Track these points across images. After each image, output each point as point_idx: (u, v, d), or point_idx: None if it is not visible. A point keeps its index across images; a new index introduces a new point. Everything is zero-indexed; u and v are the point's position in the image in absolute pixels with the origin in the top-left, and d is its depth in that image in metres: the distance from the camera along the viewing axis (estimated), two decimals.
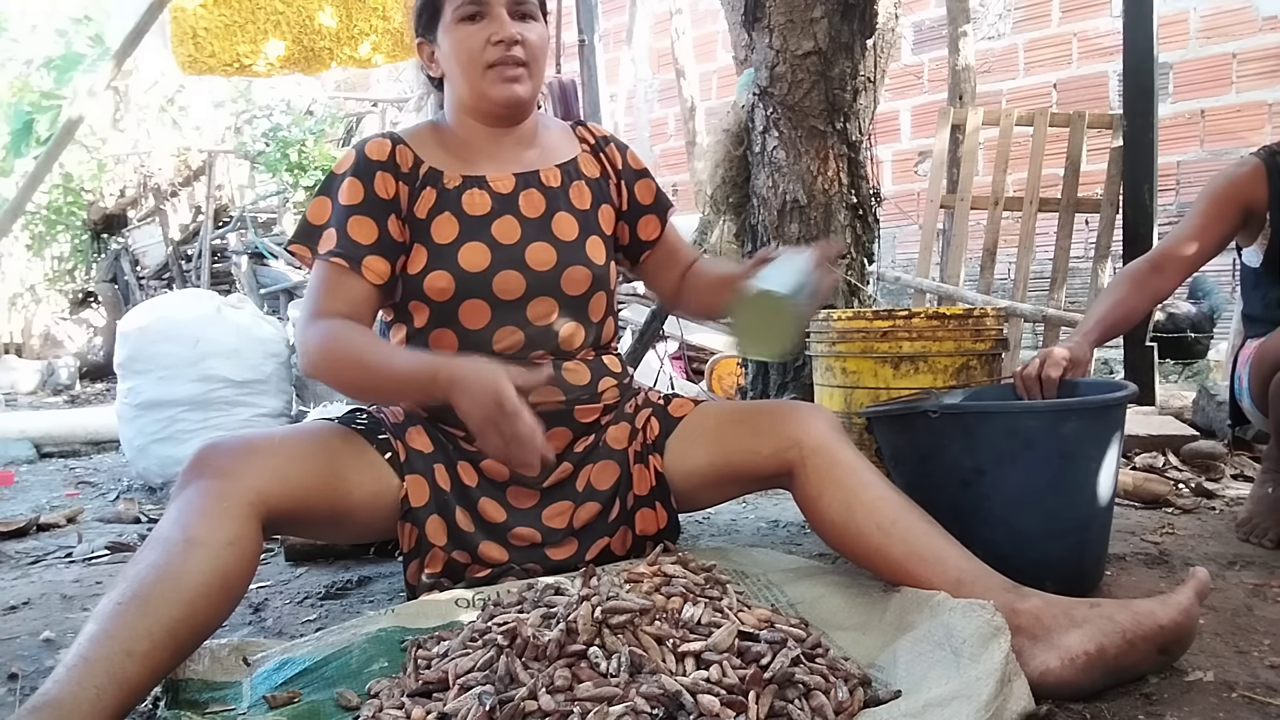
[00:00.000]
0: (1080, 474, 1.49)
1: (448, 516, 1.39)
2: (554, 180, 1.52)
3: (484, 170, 1.49)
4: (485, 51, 1.42)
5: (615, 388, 1.52)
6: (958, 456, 1.50)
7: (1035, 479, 1.47)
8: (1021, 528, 1.47)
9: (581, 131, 1.64)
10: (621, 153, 1.64)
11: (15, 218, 4.34)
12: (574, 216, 1.51)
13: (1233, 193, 1.95)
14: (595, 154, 1.61)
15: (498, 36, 1.41)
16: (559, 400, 1.45)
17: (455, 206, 1.46)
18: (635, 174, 1.64)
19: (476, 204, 1.46)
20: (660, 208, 1.66)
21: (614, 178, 1.61)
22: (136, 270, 8.02)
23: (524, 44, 1.43)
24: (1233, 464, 2.47)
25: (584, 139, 1.62)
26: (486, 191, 1.48)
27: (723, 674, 0.98)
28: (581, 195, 1.54)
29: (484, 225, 1.46)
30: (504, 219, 1.46)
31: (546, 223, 1.49)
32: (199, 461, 1.21)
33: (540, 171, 1.52)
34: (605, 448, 1.49)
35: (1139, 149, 3.00)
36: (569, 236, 1.49)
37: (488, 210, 1.46)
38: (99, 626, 1.01)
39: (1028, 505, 1.48)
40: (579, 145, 1.61)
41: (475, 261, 1.43)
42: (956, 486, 1.49)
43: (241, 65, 4.26)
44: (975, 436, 1.49)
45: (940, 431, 1.50)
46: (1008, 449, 1.46)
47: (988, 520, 1.47)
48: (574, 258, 1.48)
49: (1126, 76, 3.08)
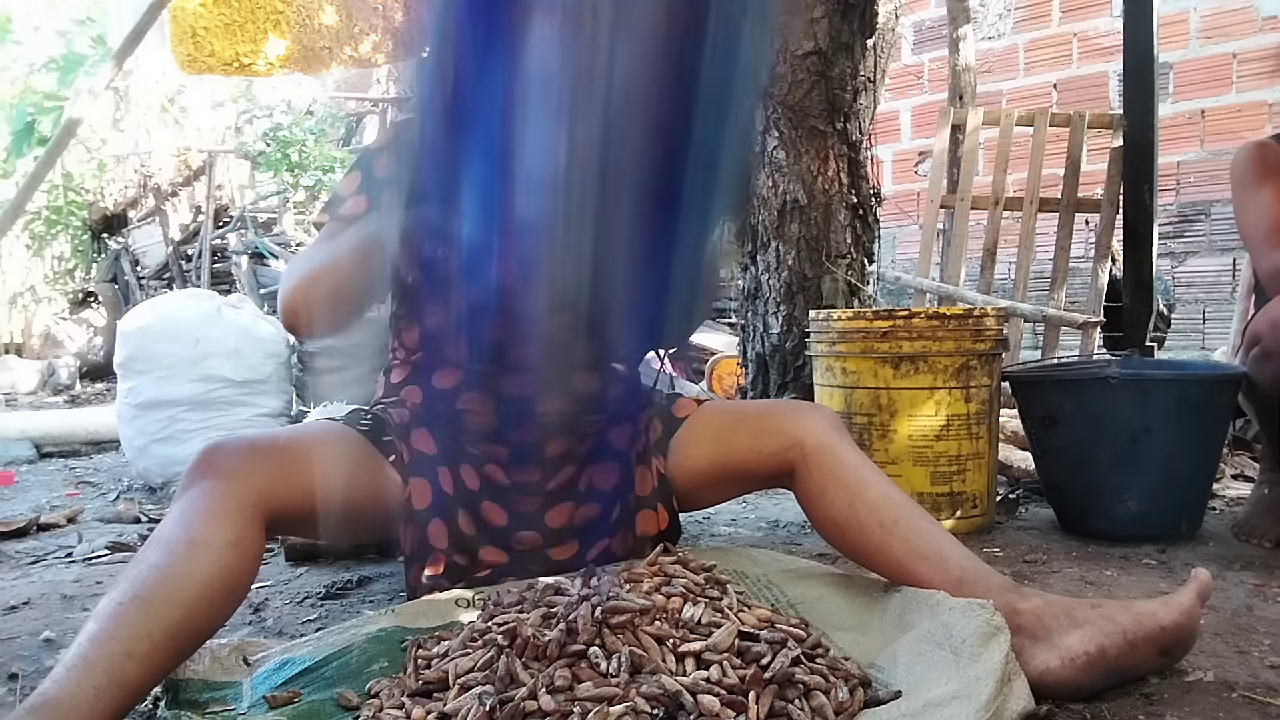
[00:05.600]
0: (1222, 432, 1.96)
1: (449, 520, 1.39)
2: None
3: None
4: None
5: (623, 395, 1.52)
6: (1129, 416, 1.82)
7: (1194, 435, 1.84)
8: (1176, 476, 1.85)
9: None
10: None
11: (15, 218, 4.34)
12: None
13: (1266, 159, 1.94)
14: None
15: None
16: (567, 411, 1.45)
17: None
18: None
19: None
20: None
21: None
22: (136, 270, 8.01)
23: None
24: (1232, 464, 2.47)
25: None
26: None
27: (723, 674, 0.98)
28: None
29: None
30: None
31: None
32: (202, 462, 1.20)
33: None
34: (607, 449, 1.49)
35: (1139, 149, 3.00)
36: None
37: None
38: (99, 626, 1.00)
39: (1184, 457, 1.84)
40: None
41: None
42: (1123, 442, 1.82)
43: (241, 64, 4.26)
44: (1150, 399, 1.83)
45: (1114, 395, 1.83)
46: (1176, 411, 1.82)
47: (1148, 470, 1.82)
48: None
49: (1126, 76, 3.08)
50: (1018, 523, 2.07)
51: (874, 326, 1.93)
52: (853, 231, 2.79)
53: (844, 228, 2.76)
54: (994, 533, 1.97)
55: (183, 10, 4.08)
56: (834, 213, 2.74)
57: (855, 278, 2.78)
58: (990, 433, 1.97)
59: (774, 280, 2.79)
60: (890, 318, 1.93)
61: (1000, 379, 2.02)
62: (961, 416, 1.91)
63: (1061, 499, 2.00)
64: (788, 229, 2.75)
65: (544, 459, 1.46)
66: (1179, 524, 1.87)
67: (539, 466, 1.45)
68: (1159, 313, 4.84)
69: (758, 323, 2.87)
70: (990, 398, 1.96)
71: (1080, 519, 1.93)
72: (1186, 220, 5.12)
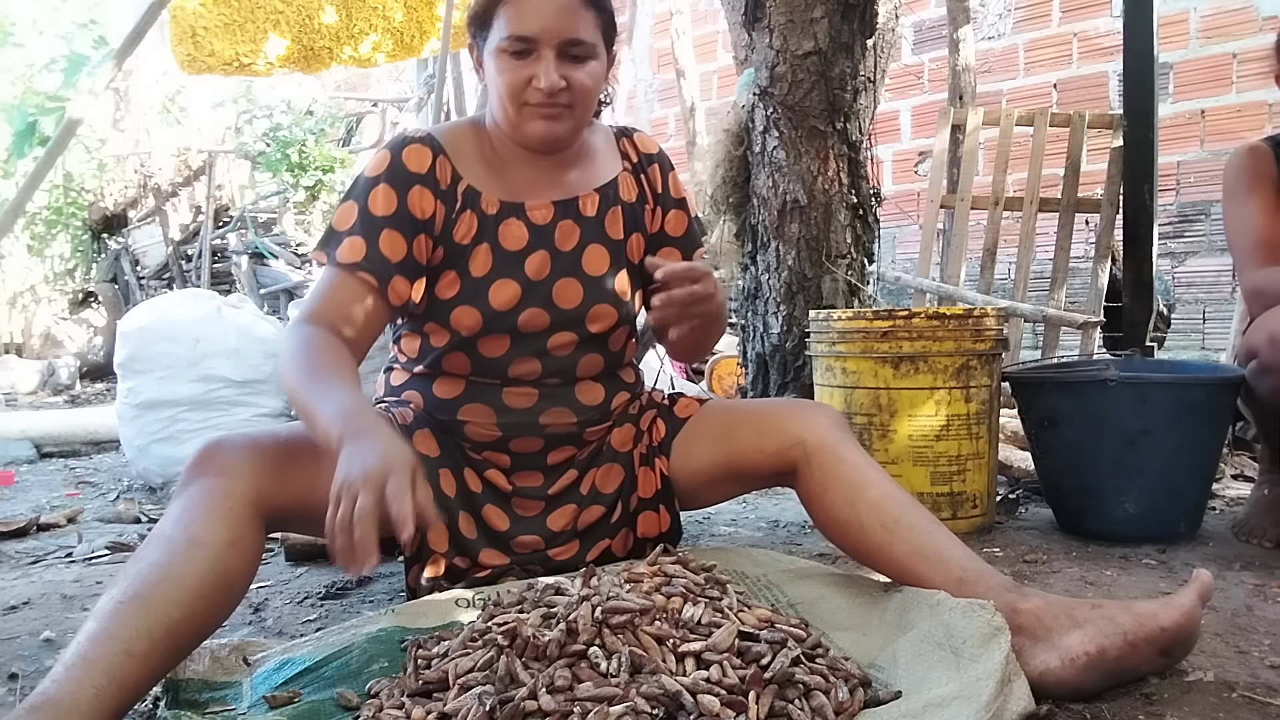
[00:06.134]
0: (1221, 434, 1.94)
1: (450, 522, 1.38)
2: (591, 209, 1.46)
3: (523, 195, 1.43)
4: (526, 90, 1.34)
5: (627, 400, 1.52)
6: (1127, 419, 1.81)
7: (1193, 438, 1.83)
8: (1174, 479, 1.84)
9: (625, 145, 1.54)
10: (664, 175, 1.55)
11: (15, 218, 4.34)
12: (606, 248, 1.46)
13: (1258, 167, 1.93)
14: (636, 174, 1.53)
15: (540, 84, 1.32)
16: (570, 422, 1.45)
17: (492, 237, 1.40)
18: (673, 202, 1.55)
19: (513, 237, 1.41)
20: (687, 244, 1.57)
21: (650, 201, 1.53)
22: (136, 270, 8.01)
23: (570, 86, 1.34)
24: (1232, 464, 2.47)
25: (627, 154, 1.53)
26: (524, 223, 1.42)
27: (723, 674, 0.98)
28: (616, 223, 1.48)
29: (518, 261, 1.41)
30: (537, 254, 1.42)
31: (577, 256, 1.44)
32: (202, 460, 1.19)
33: (580, 199, 1.46)
34: (609, 450, 1.49)
35: (1139, 149, 2.99)
36: (598, 271, 1.45)
37: (523, 245, 1.41)
38: (99, 626, 1.00)
39: (1182, 460, 1.83)
40: (620, 161, 1.52)
41: (505, 299, 1.39)
42: (1121, 444, 1.82)
43: (241, 64, 4.25)
44: (1149, 402, 1.82)
45: (1113, 397, 1.82)
46: (1175, 413, 1.81)
47: (1146, 472, 1.81)
48: (600, 295, 1.44)
49: (1126, 76, 3.07)
50: (1018, 523, 2.07)
51: (874, 326, 1.93)
52: (853, 231, 2.79)
53: (844, 228, 2.76)
54: (994, 533, 1.97)
55: (182, 10, 4.07)
56: (834, 213, 2.74)
57: (855, 278, 2.78)
58: (990, 433, 1.97)
59: (774, 280, 2.79)
60: (890, 318, 1.93)
61: (1000, 379, 2.02)
62: (961, 416, 1.91)
63: (1060, 500, 2.00)
64: (788, 229, 2.75)
65: (546, 465, 1.46)
66: (1177, 526, 1.86)
67: (541, 471, 1.45)
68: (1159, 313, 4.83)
69: (758, 323, 2.87)
70: (990, 398, 1.96)
71: (1079, 520, 1.93)
72: (1186, 220, 5.11)
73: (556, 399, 1.44)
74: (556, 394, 1.44)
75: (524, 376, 1.43)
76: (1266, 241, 1.87)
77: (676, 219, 1.55)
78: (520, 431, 1.43)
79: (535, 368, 1.43)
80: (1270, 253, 1.86)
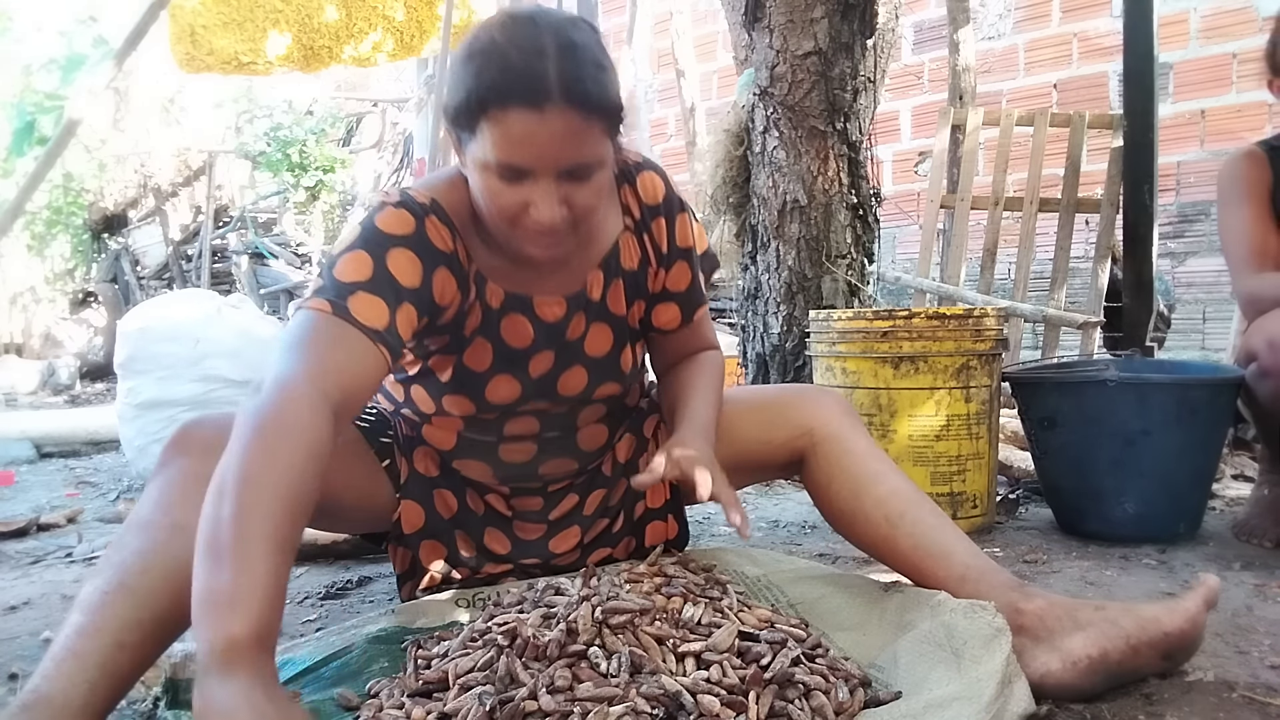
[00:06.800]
0: (1221, 434, 1.94)
1: (447, 542, 1.35)
2: (596, 291, 1.32)
3: (530, 287, 1.28)
4: (521, 216, 1.13)
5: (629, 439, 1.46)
6: (1127, 419, 1.82)
7: (1193, 438, 1.83)
8: (1174, 479, 1.84)
9: (627, 195, 1.34)
10: (670, 226, 1.36)
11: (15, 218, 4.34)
12: (609, 326, 1.34)
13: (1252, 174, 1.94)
14: (639, 233, 1.35)
15: (539, 216, 1.12)
16: (572, 469, 1.41)
17: (494, 333, 1.27)
18: (678, 253, 1.38)
19: (517, 334, 1.28)
20: (690, 301, 1.41)
21: (654, 264, 1.37)
22: (136, 270, 8.02)
23: (573, 209, 1.13)
24: (1232, 464, 2.47)
25: (629, 207, 1.34)
26: (529, 320, 1.28)
27: (723, 674, 0.98)
28: (618, 298, 1.34)
29: (521, 361, 1.29)
30: (544, 353, 1.30)
31: (581, 342, 1.33)
32: (180, 440, 1.14)
33: (588, 286, 1.31)
34: (615, 466, 1.45)
35: (1139, 149, 2.99)
36: (602, 351, 1.34)
37: (528, 343, 1.29)
38: (87, 618, 0.98)
39: (1183, 460, 1.84)
40: (621, 218, 1.34)
41: (504, 395, 1.29)
42: (1121, 444, 1.82)
43: (240, 63, 4.25)
44: (1149, 403, 1.82)
45: (1113, 398, 1.82)
46: (1175, 414, 1.81)
47: (1146, 473, 1.82)
48: (605, 375, 1.35)
49: (1126, 76, 3.08)
50: (1018, 523, 2.07)
51: (874, 326, 1.93)
52: (853, 231, 2.79)
53: (844, 228, 2.76)
54: (994, 533, 1.97)
55: (181, 9, 4.06)
56: (834, 213, 2.74)
57: (855, 278, 2.78)
58: (990, 433, 1.98)
59: (774, 280, 2.79)
60: (890, 318, 1.93)
61: (1000, 379, 2.02)
62: (961, 416, 1.91)
63: (1060, 500, 2.00)
64: (788, 229, 2.75)
65: (546, 492, 1.42)
66: (1177, 526, 1.87)
67: (541, 496, 1.41)
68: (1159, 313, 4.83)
69: (758, 323, 2.87)
70: (990, 398, 1.96)
71: (1079, 520, 1.93)
72: (1186, 220, 5.11)
73: (557, 450, 1.39)
74: (556, 444, 1.39)
75: (521, 434, 1.36)
76: (1260, 249, 1.89)
77: (679, 272, 1.39)
78: (519, 481, 1.40)
79: (533, 426, 1.35)
80: (1263, 259, 1.88)
